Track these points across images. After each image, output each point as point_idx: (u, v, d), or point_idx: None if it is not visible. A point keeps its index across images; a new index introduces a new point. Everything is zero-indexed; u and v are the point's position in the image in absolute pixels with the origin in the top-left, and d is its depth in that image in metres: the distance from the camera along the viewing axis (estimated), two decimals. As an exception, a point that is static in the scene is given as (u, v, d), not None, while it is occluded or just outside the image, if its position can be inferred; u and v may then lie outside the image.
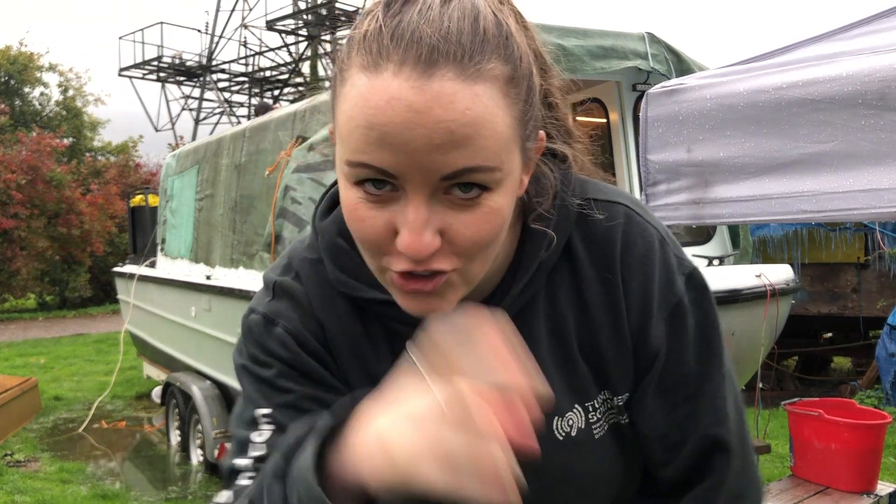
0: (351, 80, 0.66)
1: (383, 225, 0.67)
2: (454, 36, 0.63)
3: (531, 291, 0.80)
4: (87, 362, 10.23)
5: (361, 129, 0.64)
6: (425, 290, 0.69)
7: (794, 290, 4.75)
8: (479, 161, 0.64)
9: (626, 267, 0.80)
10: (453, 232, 0.67)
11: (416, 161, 0.63)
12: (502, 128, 0.66)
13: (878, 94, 1.93)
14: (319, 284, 0.83)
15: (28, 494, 4.83)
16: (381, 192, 0.66)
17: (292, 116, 4.61)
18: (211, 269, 5.54)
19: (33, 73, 22.46)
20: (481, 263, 0.71)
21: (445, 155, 0.63)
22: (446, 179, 0.65)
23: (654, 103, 2.48)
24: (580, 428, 0.84)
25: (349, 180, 0.68)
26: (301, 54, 21.09)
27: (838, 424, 3.16)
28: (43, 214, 16.12)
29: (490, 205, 0.67)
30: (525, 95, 0.69)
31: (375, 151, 0.64)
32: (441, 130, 0.62)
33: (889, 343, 5.93)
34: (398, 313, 0.76)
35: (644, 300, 0.80)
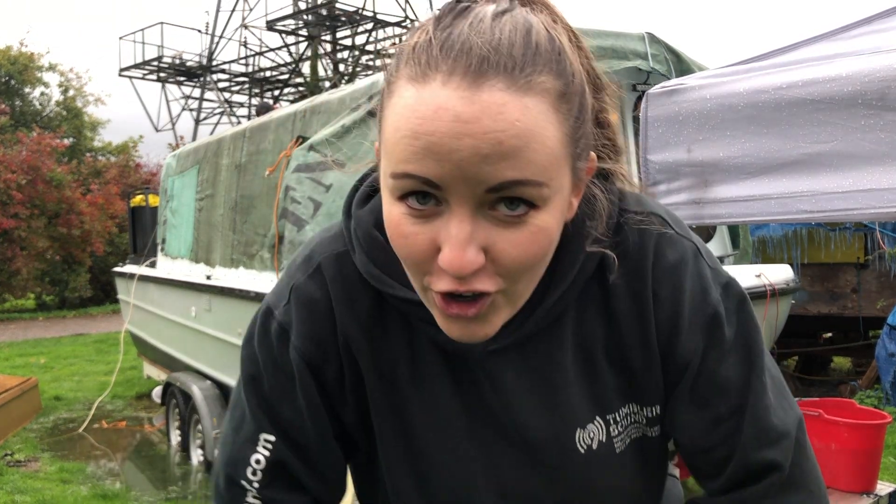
0: (398, 91, 0.66)
1: (427, 242, 0.66)
2: (505, 48, 0.63)
3: (563, 304, 0.78)
4: (88, 362, 10.22)
5: (407, 139, 0.63)
6: (468, 316, 0.68)
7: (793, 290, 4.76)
8: (528, 174, 0.63)
9: (656, 279, 0.79)
10: (498, 250, 0.65)
11: (461, 172, 0.62)
12: (552, 143, 0.64)
13: (878, 94, 1.93)
14: (343, 280, 0.81)
15: (28, 494, 4.83)
16: (424, 207, 0.65)
17: (292, 116, 4.61)
18: (211, 269, 5.54)
19: (33, 73, 22.46)
20: (526, 285, 0.69)
21: (492, 166, 0.61)
22: (492, 192, 0.63)
23: (654, 103, 2.49)
24: (601, 441, 0.82)
25: (393, 195, 0.67)
26: (301, 54, 21.08)
27: (838, 424, 3.16)
28: (43, 214, 16.12)
29: (537, 224, 0.65)
30: (577, 112, 0.68)
31: (421, 161, 0.62)
32: (489, 141, 0.61)
33: (889, 343, 5.93)
34: (426, 314, 0.75)
35: (674, 311, 0.79)
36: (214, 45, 22.20)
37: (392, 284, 0.78)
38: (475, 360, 0.80)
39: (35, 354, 10.90)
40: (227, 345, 5.09)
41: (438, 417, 0.83)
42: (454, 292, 0.66)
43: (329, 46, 20.91)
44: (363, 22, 19.94)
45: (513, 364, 0.80)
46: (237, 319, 4.85)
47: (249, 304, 4.57)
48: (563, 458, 0.82)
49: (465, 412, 0.82)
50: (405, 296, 0.77)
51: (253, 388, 0.85)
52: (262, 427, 0.84)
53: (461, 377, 0.82)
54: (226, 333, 5.08)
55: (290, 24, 20.13)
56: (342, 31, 20.69)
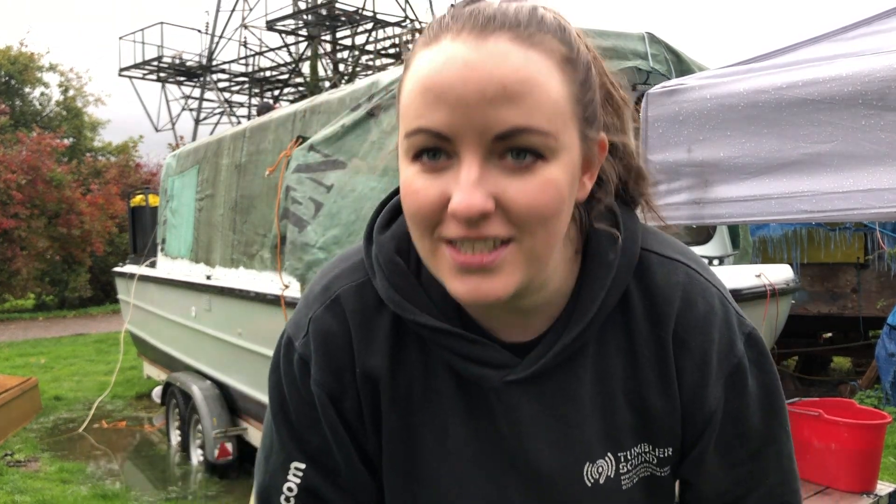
0: (413, 62, 0.70)
1: (437, 194, 0.67)
2: (512, 12, 0.68)
3: (584, 339, 0.78)
4: (88, 362, 10.22)
5: (420, 94, 0.66)
6: (483, 265, 0.67)
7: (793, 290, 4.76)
8: (533, 122, 0.65)
9: (684, 327, 0.79)
10: (507, 198, 0.65)
11: (469, 118, 0.64)
12: (556, 95, 0.66)
13: (879, 94, 1.93)
14: (362, 311, 0.82)
15: (28, 494, 4.83)
16: (436, 162, 0.67)
17: (292, 116, 4.61)
18: (211, 269, 5.54)
19: (34, 73, 22.46)
20: (541, 240, 0.68)
21: (498, 110, 0.64)
22: (499, 140, 0.65)
23: (655, 103, 2.48)
24: (609, 476, 0.82)
25: (408, 157, 0.69)
26: (301, 54, 21.08)
27: (838, 424, 3.15)
28: (43, 214, 16.12)
29: (545, 174, 0.66)
30: (583, 79, 0.70)
31: (432, 113, 0.65)
32: (494, 84, 0.63)
33: (889, 343, 5.93)
34: (446, 340, 0.77)
35: (703, 361, 0.79)
36: (214, 45, 22.20)
37: (413, 311, 0.78)
38: (491, 388, 0.80)
39: (35, 354, 10.89)
40: (227, 345, 5.09)
41: (447, 445, 0.83)
42: (466, 238, 0.66)
43: (329, 46, 20.90)
44: (363, 22, 19.93)
45: (529, 396, 0.80)
46: (237, 319, 4.85)
47: (249, 304, 4.57)
48: (569, 490, 0.82)
49: (475, 440, 0.82)
50: (426, 322, 0.77)
51: (282, 417, 0.86)
52: (291, 456, 0.85)
53: (474, 405, 0.81)
54: (226, 333, 5.08)
55: (290, 24, 20.12)
56: (342, 31, 20.68)
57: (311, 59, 20.64)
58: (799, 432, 3.31)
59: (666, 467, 0.84)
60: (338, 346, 0.81)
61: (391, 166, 3.42)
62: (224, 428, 5.16)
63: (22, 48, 22.21)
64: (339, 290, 0.82)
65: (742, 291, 3.91)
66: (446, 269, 0.69)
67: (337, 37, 20.81)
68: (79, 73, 25.65)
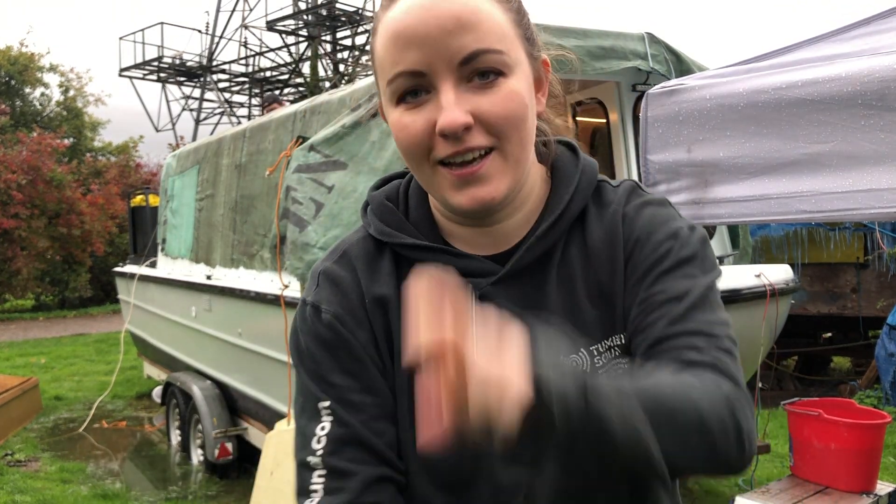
0: (379, 26, 0.82)
1: (423, 123, 0.79)
2: None
3: (553, 237, 0.89)
4: (88, 362, 10.23)
5: (392, 43, 0.79)
6: (475, 174, 0.80)
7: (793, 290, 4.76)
8: (488, 44, 0.78)
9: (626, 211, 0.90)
10: (482, 111, 0.78)
11: (436, 51, 0.77)
12: (499, 19, 0.80)
13: (878, 94, 1.93)
14: (365, 255, 0.93)
15: (28, 494, 4.83)
16: (417, 99, 0.80)
17: (292, 116, 4.61)
18: (211, 269, 5.54)
19: (34, 73, 22.47)
20: (516, 143, 0.81)
21: (458, 39, 0.77)
22: (465, 64, 0.78)
23: (655, 103, 2.49)
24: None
25: (392, 102, 0.82)
26: (301, 55, 21.08)
27: (838, 424, 3.16)
28: (43, 214, 16.13)
29: (508, 86, 0.79)
30: (517, 7, 0.84)
31: (405, 56, 0.78)
32: (449, 17, 0.77)
33: (888, 343, 5.93)
34: (431, 257, 0.88)
35: (635, 231, 0.88)
36: (214, 46, 22.20)
37: (400, 236, 0.90)
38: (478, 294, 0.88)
39: (35, 354, 10.90)
40: (228, 345, 5.09)
41: None
42: (456, 153, 0.79)
43: (329, 46, 20.90)
44: (363, 22, 19.93)
45: (508, 293, 0.89)
46: (237, 319, 4.86)
47: (249, 304, 4.57)
48: None
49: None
50: (417, 243, 0.90)
51: (303, 369, 0.91)
52: (318, 398, 0.89)
53: None
54: (226, 333, 5.09)
55: (290, 24, 20.12)
56: (342, 31, 20.68)
57: (311, 59, 20.64)
58: (799, 432, 3.32)
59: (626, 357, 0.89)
60: (347, 286, 0.91)
61: (392, 167, 3.42)
62: (224, 428, 5.17)
63: (22, 48, 22.24)
64: (346, 246, 0.95)
65: (742, 291, 3.91)
66: (446, 187, 0.82)
67: (337, 37, 20.81)
68: (79, 73, 25.63)
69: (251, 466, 4.88)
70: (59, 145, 18.52)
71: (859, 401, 5.46)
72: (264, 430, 4.53)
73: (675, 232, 0.87)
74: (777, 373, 7.17)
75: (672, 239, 0.87)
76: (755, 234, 6.89)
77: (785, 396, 3.81)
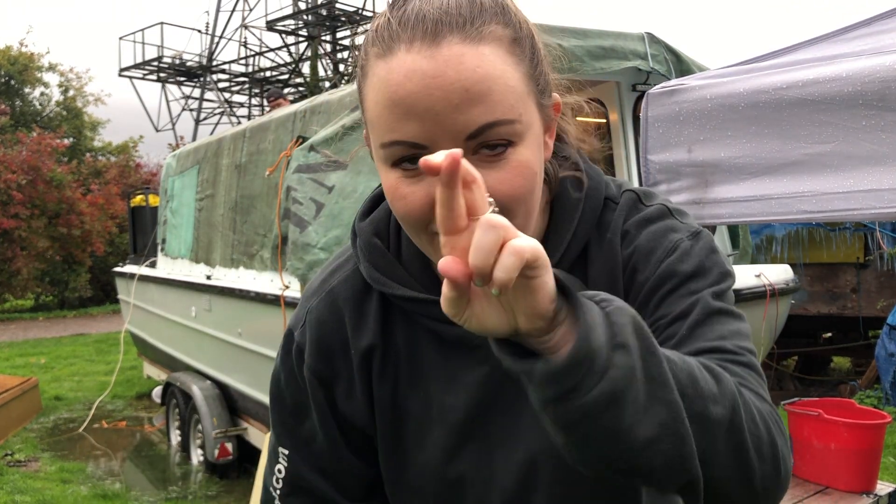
0: (371, 71, 0.73)
1: (423, 197, 0.71)
2: (454, 9, 0.70)
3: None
4: (88, 362, 10.22)
5: (388, 108, 0.70)
6: None
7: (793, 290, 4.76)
8: (498, 115, 0.69)
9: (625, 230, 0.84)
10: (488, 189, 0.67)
11: (440, 125, 0.68)
12: (513, 82, 0.71)
13: (879, 94, 1.93)
14: (353, 297, 0.89)
15: (28, 494, 4.83)
16: (416, 167, 0.70)
17: (292, 116, 4.61)
18: (211, 269, 5.54)
19: (34, 73, 22.45)
20: (523, 219, 0.73)
21: (466, 114, 0.68)
22: (472, 139, 0.69)
23: (655, 103, 2.48)
24: None
25: (386, 164, 0.73)
26: (301, 55, 21.07)
27: (838, 424, 3.16)
28: (43, 214, 16.12)
29: (518, 158, 0.71)
30: (530, 55, 0.74)
31: (403, 126, 0.69)
32: (457, 90, 0.67)
33: (889, 343, 5.93)
34: (422, 308, 0.83)
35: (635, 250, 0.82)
36: (214, 46, 22.20)
37: (393, 286, 0.85)
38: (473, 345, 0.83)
39: (35, 354, 10.89)
40: (227, 345, 5.09)
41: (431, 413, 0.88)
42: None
43: (329, 46, 20.90)
44: (363, 22, 19.92)
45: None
46: (237, 319, 4.85)
47: (249, 304, 4.57)
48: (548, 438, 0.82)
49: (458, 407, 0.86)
50: (405, 294, 0.84)
51: (276, 405, 0.94)
52: (280, 441, 0.94)
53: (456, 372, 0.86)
54: (226, 333, 5.08)
55: (290, 24, 20.12)
56: (342, 31, 20.67)
57: (311, 59, 20.63)
58: (799, 432, 3.32)
59: None
60: (330, 332, 0.89)
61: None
62: (224, 428, 5.16)
63: (22, 48, 22.22)
64: (334, 282, 0.91)
65: (742, 291, 3.91)
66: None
67: (337, 37, 20.80)
68: (79, 72, 25.57)
69: (251, 466, 4.89)
70: (59, 145, 18.51)
71: (859, 401, 5.46)
72: (264, 430, 4.52)
73: (675, 246, 0.81)
74: (777, 373, 7.17)
75: (671, 255, 0.80)
76: (762, 233, 6.90)
77: (785, 396, 3.81)
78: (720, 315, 0.77)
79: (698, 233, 0.84)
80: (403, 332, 0.88)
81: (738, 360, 0.73)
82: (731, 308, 0.80)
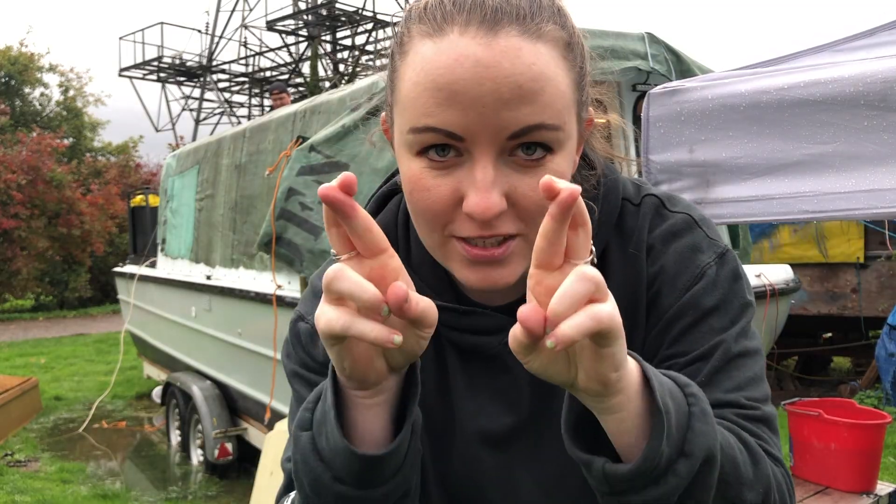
0: (413, 48, 0.67)
1: (449, 192, 0.67)
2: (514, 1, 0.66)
3: None
4: (88, 362, 10.22)
5: (429, 91, 0.65)
6: (494, 258, 0.68)
7: (793, 290, 4.76)
8: (545, 118, 0.65)
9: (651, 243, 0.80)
10: (518, 195, 0.66)
11: (484, 118, 0.64)
12: (564, 87, 0.67)
13: (880, 95, 1.93)
14: None
15: (28, 494, 4.83)
16: (445, 159, 0.67)
17: (292, 116, 4.61)
18: (211, 269, 5.54)
19: (34, 73, 22.44)
20: None
21: (514, 111, 0.64)
22: (513, 138, 0.65)
23: (656, 103, 2.48)
24: None
25: (412, 150, 0.68)
26: (301, 54, 21.07)
27: (838, 424, 3.15)
28: (43, 214, 16.12)
29: (554, 168, 0.67)
30: (580, 63, 0.71)
31: (443, 113, 0.64)
32: (509, 84, 0.63)
33: (889, 343, 5.93)
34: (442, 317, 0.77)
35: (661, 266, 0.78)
36: (214, 45, 22.19)
37: None
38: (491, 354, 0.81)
39: (35, 354, 10.89)
40: (227, 345, 5.09)
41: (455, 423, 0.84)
42: (480, 237, 0.67)
43: (329, 46, 20.90)
44: (363, 22, 19.93)
45: None
46: (237, 319, 4.85)
47: (249, 304, 4.57)
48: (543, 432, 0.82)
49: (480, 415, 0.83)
50: None
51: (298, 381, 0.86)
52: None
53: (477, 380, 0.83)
54: (226, 333, 5.08)
55: (290, 24, 20.12)
56: (342, 31, 20.68)
57: (311, 59, 20.63)
58: (799, 432, 3.31)
59: None
60: None
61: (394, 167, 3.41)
62: (224, 428, 5.16)
63: (22, 48, 22.21)
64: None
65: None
66: (457, 261, 0.71)
67: (337, 37, 20.80)
68: (79, 73, 25.61)
69: (251, 466, 4.88)
70: (59, 145, 18.52)
71: (860, 401, 5.46)
72: (264, 430, 4.52)
73: (702, 273, 0.77)
74: (777, 373, 7.17)
75: (697, 283, 0.77)
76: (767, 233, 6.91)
77: (785, 396, 3.80)
78: (739, 359, 0.75)
79: (724, 254, 0.80)
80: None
81: (755, 416, 0.73)
82: (749, 347, 0.77)
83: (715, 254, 0.79)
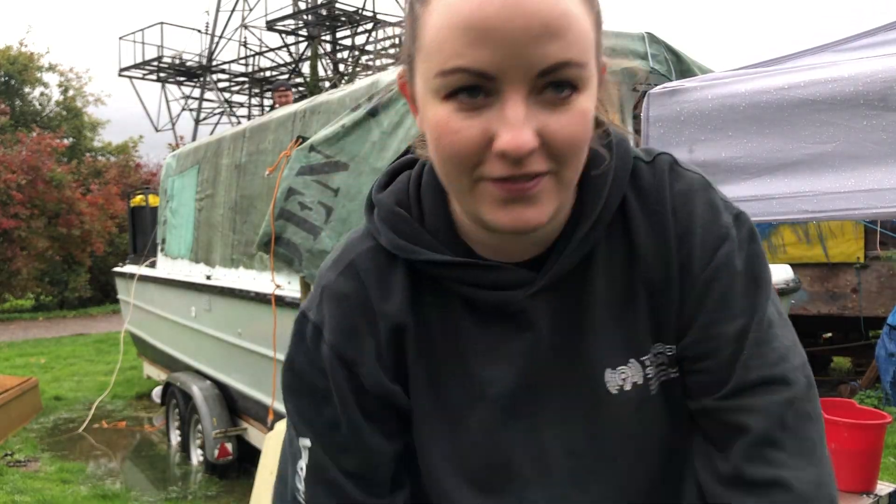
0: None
1: (479, 133, 0.67)
2: None
3: (592, 239, 0.79)
4: (88, 362, 10.22)
5: (458, 31, 0.65)
6: (527, 193, 0.68)
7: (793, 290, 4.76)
8: (573, 55, 0.66)
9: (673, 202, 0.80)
10: (549, 132, 0.67)
11: (515, 55, 0.64)
12: (586, 26, 0.68)
13: (880, 94, 1.93)
14: (376, 269, 0.82)
15: (28, 494, 4.83)
16: (474, 101, 0.67)
17: (292, 116, 4.61)
18: (211, 269, 5.54)
19: (33, 73, 22.45)
20: (573, 169, 0.71)
21: (543, 47, 0.64)
22: (543, 75, 0.65)
23: (656, 103, 2.48)
24: (636, 383, 0.81)
25: (439, 94, 0.68)
26: (301, 54, 21.07)
27: (838, 424, 3.15)
28: (43, 214, 16.12)
29: (580, 106, 0.68)
30: (597, 8, 0.72)
31: (474, 52, 0.65)
32: (538, 20, 0.64)
33: (889, 343, 5.93)
34: (456, 273, 0.78)
35: (687, 228, 0.79)
36: (214, 45, 22.19)
37: (421, 251, 0.79)
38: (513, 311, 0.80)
39: (35, 354, 10.89)
40: (227, 345, 5.09)
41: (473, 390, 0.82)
42: (512, 176, 0.67)
43: (329, 46, 20.90)
44: (363, 22, 19.93)
45: (549, 305, 0.80)
46: (237, 319, 4.85)
47: (249, 304, 4.57)
48: (597, 402, 0.81)
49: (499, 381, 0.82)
50: (440, 259, 0.78)
51: (292, 397, 0.85)
52: (299, 432, 0.85)
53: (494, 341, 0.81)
54: (226, 333, 5.08)
55: (290, 24, 20.12)
56: (342, 31, 20.68)
57: (311, 59, 20.63)
58: (799, 432, 3.31)
59: (675, 368, 0.82)
60: (353, 306, 0.81)
61: (392, 166, 3.40)
62: (224, 428, 5.16)
63: (22, 48, 22.22)
64: (352, 256, 0.84)
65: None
66: (487, 202, 0.70)
67: (337, 37, 20.80)
68: (79, 73, 25.61)
69: (251, 466, 4.88)
70: (59, 145, 18.52)
71: (860, 401, 5.46)
72: (264, 430, 4.52)
73: (727, 234, 0.78)
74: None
75: (723, 244, 0.78)
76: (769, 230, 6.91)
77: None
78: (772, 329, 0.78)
79: (739, 215, 0.81)
80: (435, 304, 0.82)
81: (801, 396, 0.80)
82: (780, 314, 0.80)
83: (731, 214, 0.80)
